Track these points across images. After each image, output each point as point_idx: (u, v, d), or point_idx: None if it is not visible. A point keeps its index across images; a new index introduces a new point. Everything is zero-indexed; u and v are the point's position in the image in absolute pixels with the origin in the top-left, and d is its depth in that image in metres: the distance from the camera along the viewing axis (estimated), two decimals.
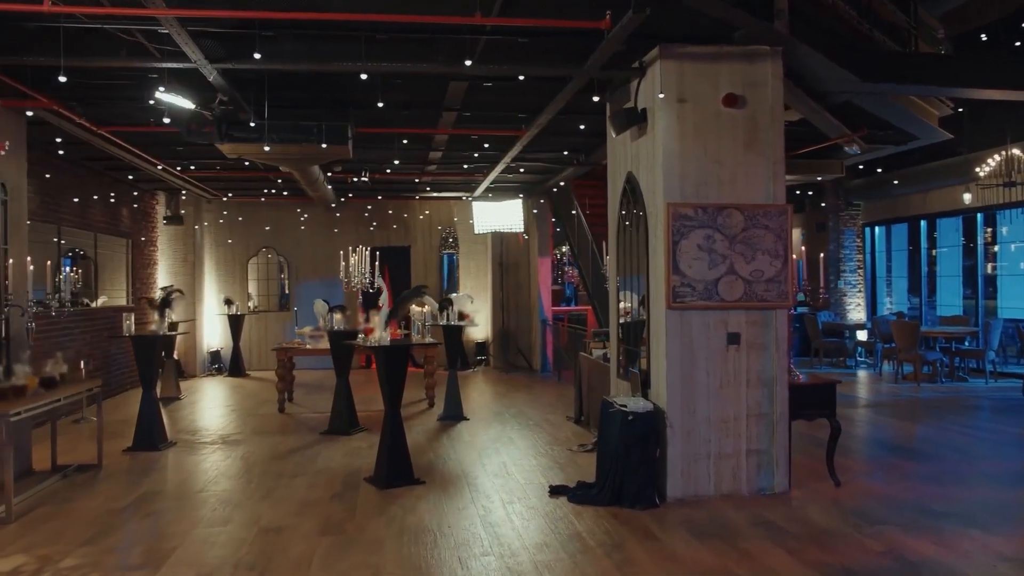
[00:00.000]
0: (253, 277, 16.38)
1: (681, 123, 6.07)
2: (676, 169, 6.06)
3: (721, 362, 6.12)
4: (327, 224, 16.16)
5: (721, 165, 6.12)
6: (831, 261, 16.18)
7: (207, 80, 6.55)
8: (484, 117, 8.64)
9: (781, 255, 6.16)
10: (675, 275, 6.02)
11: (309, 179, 10.38)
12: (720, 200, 6.10)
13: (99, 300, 12.78)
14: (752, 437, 6.15)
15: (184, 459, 7.90)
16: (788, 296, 6.17)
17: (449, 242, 16.73)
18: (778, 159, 6.20)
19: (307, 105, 7.96)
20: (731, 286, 6.08)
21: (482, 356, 16.46)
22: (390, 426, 6.77)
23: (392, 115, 8.23)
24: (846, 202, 16.14)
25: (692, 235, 6.02)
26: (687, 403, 6.07)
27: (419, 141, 10.05)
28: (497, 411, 10.62)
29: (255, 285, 16.40)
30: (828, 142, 9.53)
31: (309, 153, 7.90)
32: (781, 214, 6.17)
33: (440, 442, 8.58)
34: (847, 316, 16.05)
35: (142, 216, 14.20)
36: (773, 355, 6.18)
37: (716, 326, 6.12)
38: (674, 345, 6.06)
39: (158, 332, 8.43)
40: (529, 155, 11.00)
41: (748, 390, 6.15)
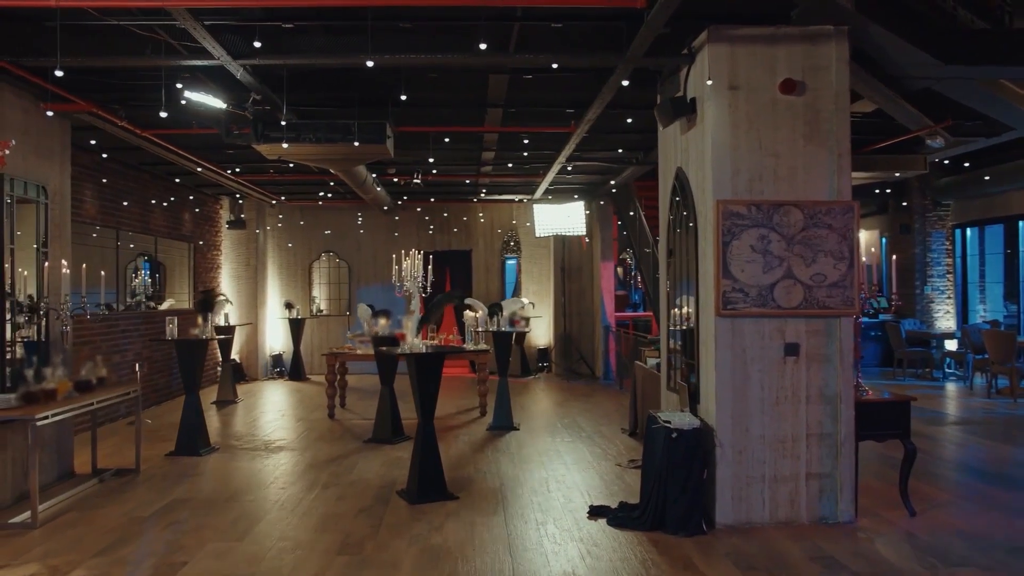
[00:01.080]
0: (321, 281, 16.42)
1: (733, 112, 5.53)
2: (727, 163, 5.52)
3: (777, 375, 5.53)
4: (387, 227, 16.07)
5: (778, 158, 5.54)
6: (917, 265, 15.08)
7: (237, 79, 6.37)
8: (530, 114, 8.25)
9: (846, 257, 5.54)
10: (725, 279, 5.47)
11: (356, 181, 10.19)
12: (777, 197, 5.52)
13: (166, 303, 13.00)
14: (813, 459, 5.54)
15: (222, 466, 7.77)
16: (854, 303, 5.54)
17: (511, 246, 16.39)
18: (843, 151, 5.58)
19: (343, 104, 7.74)
20: (789, 291, 5.50)
21: (544, 362, 16.05)
22: (422, 438, 6.44)
23: (434, 113, 7.94)
24: (933, 202, 15.02)
25: (745, 235, 5.47)
26: (739, 420, 5.51)
27: (468, 141, 9.73)
28: (550, 421, 10.18)
29: (321, 289, 16.43)
30: (908, 135, 8.73)
31: (348, 153, 7.67)
32: (846, 212, 5.54)
33: (484, 454, 8.21)
34: (934, 324, 14.92)
35: (205, 220, 14.38)
36: (837, 368, 5.55)
37: (772, 335, 5.54)
38: (724, 356, 5.51)
39: (201, 336, 8.34)
40: (585, 154, 10.55)
41: (808, 407, 5.55)
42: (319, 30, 5.79)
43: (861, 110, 8.23)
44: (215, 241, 14.92)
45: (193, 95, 6.43)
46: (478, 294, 15.98)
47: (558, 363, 15.52)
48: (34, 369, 6.15)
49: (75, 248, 9.90)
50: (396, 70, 6.86)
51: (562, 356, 15.41)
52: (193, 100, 6.51)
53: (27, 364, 6.31)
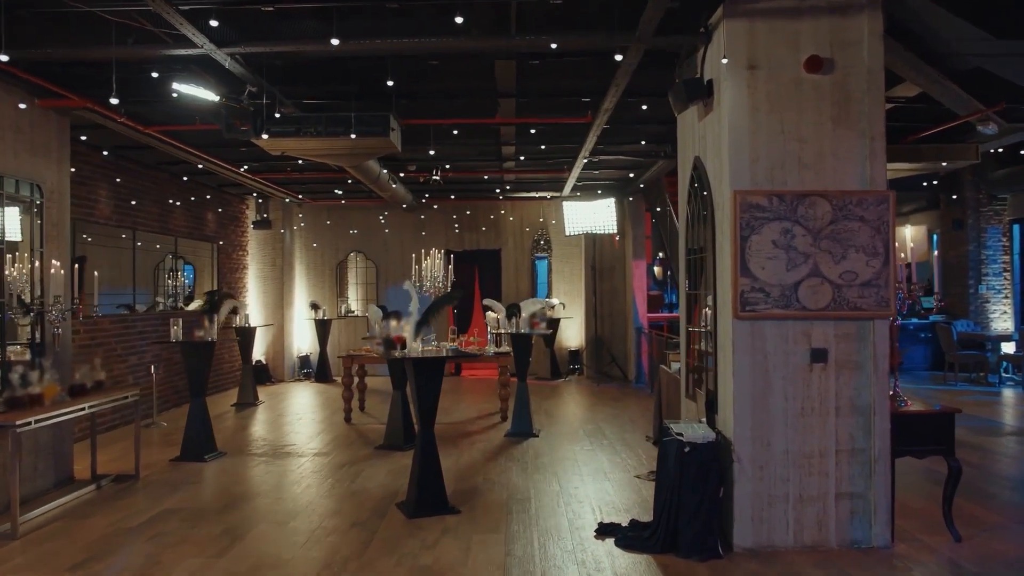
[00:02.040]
0: (354, 282, 16.20)
1: (752, 94, 5.02)
2: (745, 149, 5.01)
3: (803, 384, 5.01)
4: (414, 226, 15.77)
5: (803, 144, 5.01)
6: (971, 263, 14.20)
7: (228, 70, 6.07)
8: (544, 104, 7.82)
9: (881, 253, 4.98)
10: (744, 278, 4.96)
11: (370, 177, 9.87)
12: (801, 187, 4.99)
13: (195, 303, 12.90)
14: (843, 477, 4.99)
15: (223, 473, 7.50)
16: (889, 304, 4.98)
17: (541, 245, 15.94)
18: (876, 135, 5.02)
19: (347, 96, 7.40)
20: (815, 291, 4.97)
21: (576, 365, 15.57)
22: (421, 447, 6.05)
23: (442, 105, 7.56)
24: (988, 196, 14.12)
25: (765, 229, 4.95)
26: (759, 433, 5.00)
27: (484, 135, 9.33)
28: (572, 427, 9.72)
29: (354, 290, 16.22)
30: (956, 121, 8.05)
31: (352, 147, 7.33)
32: (881, 203, 4.98)
33: (496, 462, 7.79)
34: (990, 326, 14.03)
35: (230, 221, 14.26)
36: (870, 376, 5.00)
37: (796, 340, 5.01)
38: (743, 362, 5.00)
39: (206, 338, 8.09)
40: (609, 148, 10.07)
41: (838, 419, 5.01)
42: (305, 14, 5.45)
43: (903, 94, 7.61)
44: (241, 241, 14.79)
45: (183, 87, 6.15)
46: (508, 295, 15.60)
47: (589, 365, 15.02)
48: (20, 373, 5.93)
49: (91, 248, 9.85)
50: (398, 58, 6.51)
51: (593, 358, 14.90)
52: (184, 92, 6.23)
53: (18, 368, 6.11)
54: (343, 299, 16.16)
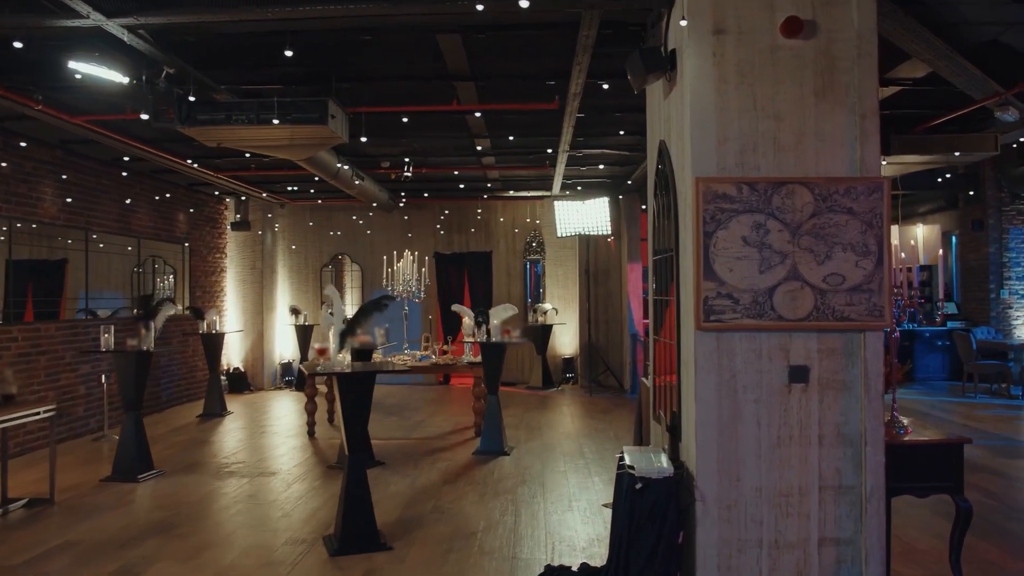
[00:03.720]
0: (349, 285, 15.50)
1: (719, 63, 4.22)
2: (710, 129, 4.22)
3: (779, 408, 4.20)
4: (400, 228, 15.06)
5: (779, 122, 4.21)
6: (991, 266, 13.25)
7: (137, 48, 5.37)
8: (505, 89, 7.07)
9: (873, 252, 4.17)
10: (708, 281, 4.17)
11: (329, 172, 9.15)
12: (777, 173, 4.19)
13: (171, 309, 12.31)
14: (828, 519, 4.18)
15: (151, 496, 6.79)
16: (883, 312, 4.16)
17: (533, 247, 15.16)
18: (868, 111, 4.20)
19: (289, 82, 6.70)
20: (794, 297, 4.16)
21: (570, 374, 14.77)
22: (348, 475, 5.30)
23: (391, 89, 6.84)
24: (1011, 194, 13.16)
25: (734, 224, 4.16)
26: (727, 467, 4.19)
27: (453, 127, 8.60)
28: (550, 444, 8.93)
29: (350, 294, 15.50)
30: (971, 106, 7.20)
31: (292, 137, 6.61)
32: (873, 192, 4.17)
33: (454, 486, 7.02)
34: (1012, 333, 13.06)
35: (205, 222, 13.62)
36: (860, 399, 4.18)
37: (772, 355, 4.20)
38: (707, 382, 4.20)
39: (140, 348, 7.39)
40: (591, 140, 9.30)
41: (821, 450, 4.19)
42: None
43: (909, 75, 6.77)
44: (217, 243, 14.15)
45: (84, 67, 5.45)
46: (499, 299, 14.83)
47: (583, 374, 14.22)
48: None
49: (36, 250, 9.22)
50: (334, 34, 5.79)
51: (587, 367, 14.10)
52: (86, 74, 5.53)
53: None
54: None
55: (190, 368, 12.72)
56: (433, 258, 15.03)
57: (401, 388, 14.16)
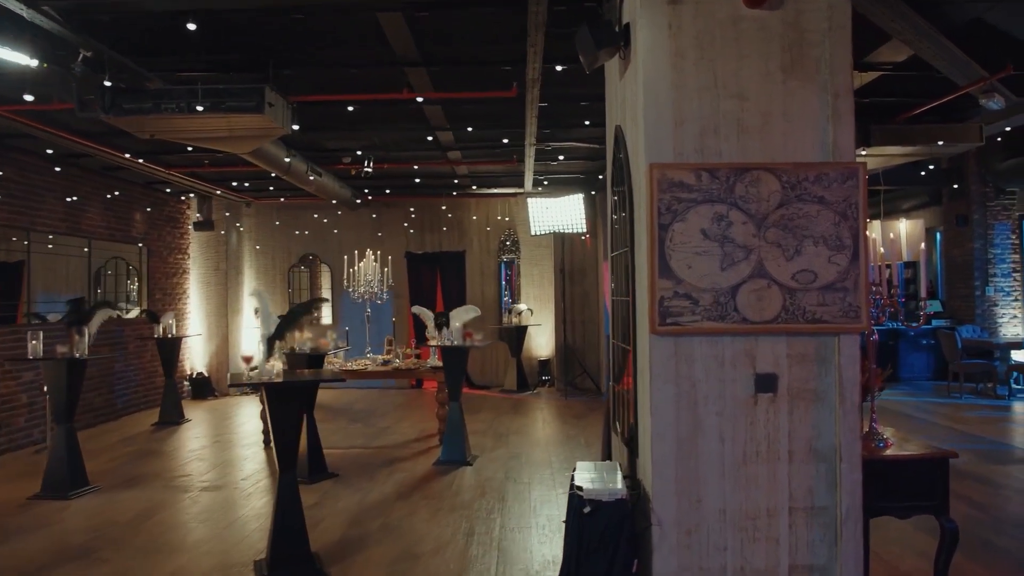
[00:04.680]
0: (303, 287, 15.01)
1: (675, 36, 3.78)
2: (666, 110, 3.78)
3: (745, 422, 3.76)
4: (371, 227, 14.57)
5: (743, 101, 3.78)
6: (976, 262, 12.91)
7: (40, 26, 4.88)
8: (459, 76, 6.61)
9: (847, 246, 3.74)
10: (664, 279, 3.73)
11: (280, 167, 8.66)
12: (741, 158, 3.76)
13: (133, 312, 11.89)
14: (799, 544, 3.74)
15: (77, 516, 6.28)
16: (860, 312, 3.73)
17: (507, 246, 14.70)
18: (841, 89, 3.78)
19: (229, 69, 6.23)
20: (760, 297, 3.72)
21: (546, 376, 14.32)
22: (279, 496, 4.83)
23: (335, 76, 6.37)
24: (996, 189, 12.83)
25: (692, 215, 3.72)
26: (687, 487, 3.75)
27: (410, 119, 8.13)
28: (517, 452, 8.47)
29: (302, 295, 15.04)
30: (955, 93, 6.80)
31: (230, 128, 6.13)
32: (847, 179, 3.74)
33: (408, 501, 6.56)
34: (998, 331, 12.73)
35: (165, 221, 13.08)
36: (835, 410, 3.75)
37: (736, 362, 3.77)
38: (664, 392, 3.76)
39: (72, 355, 6.88)
40: (559, 132, 8.86)
41: (792, 467, 3.76)
42: None
43: (890, 59, 6.38)
44: (179, 244, 13.61)
45: None
46: (472, 299, 14.36)
47: (559, 377, 13.77)
48: None
49: None
50: (271, 15, 5.33)
51: (563, 369, 13.66)
52: None
53: None
54: None
55: (148, 374, 12.18)
56: (405, 258, 14.56)
57: (371, 392, 13.69)
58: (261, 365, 4.84)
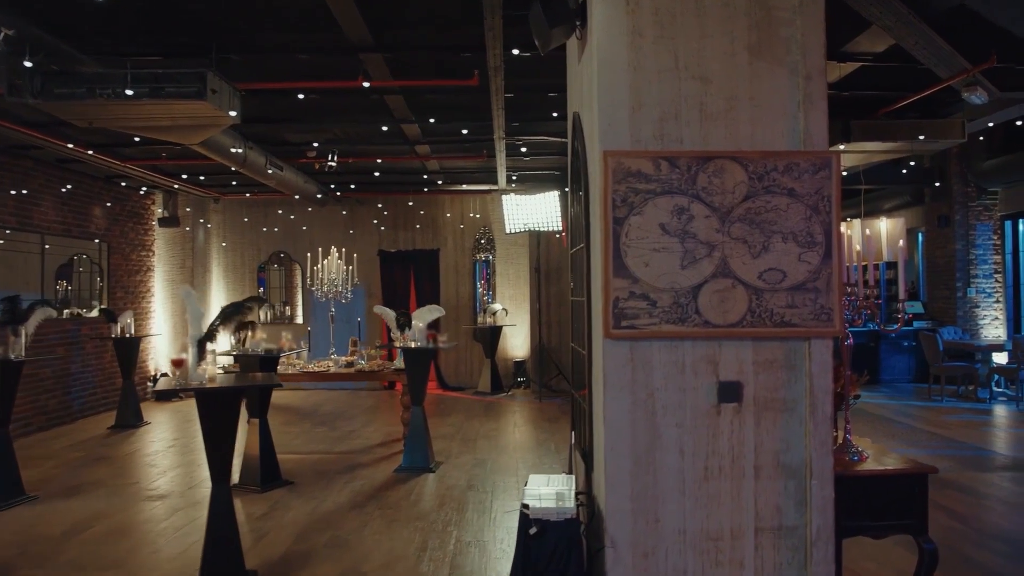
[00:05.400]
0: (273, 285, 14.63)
1: (633, 13, 3.46)
2: (622, 93, 3.46)
3: (707, 434, 3.45)
4: (343, 224, 14.19)
5: (706, 84, 3.46)
6: (958, 263, 12.70)
7: None
8: (418, 63, 6.27)
9: (819, 243, 3.43)
10: (619, 278, 3.40)
11: (234, 159, 8.27)
12: (704, 146, 3.44)
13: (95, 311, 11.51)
14: (766, 568, 3.44)
15: (5, 530, 5.88)
16: (832, 315, 3.42)
17: (482, 244, 14.36)
18: (813, 71, 3.47)
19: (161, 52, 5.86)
20: (724, 298, 3.41)
21: (521, 378, 13.99)
22: (212, 510, 4.48)
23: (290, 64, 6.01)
24: (978, 189, 12.63)
25: (650, 208, 3.40)
26: (644, 504, 3.44)
27: (374, 111, 7.77)
28: (484, 458, 8.14)
29: (274, 293, 14.65)
30: (936, 86, 6.54)
31: (171, 115, 5.76)
32: (819, 169, 3.43)
33: (362, 511, 6.20)
34: (979, 333, 12.53)
35: (128, 217, 12.63)
36: (806, 421, 3.45)
37: (697, 369, 3.45)
38: (619, 401, 3.44)
39: (7, 356, 6.47)
40: (530, 124, 8.53)
41: (758, 484, 3.45)
42: None
43: (870, 48, 6.09)
44: (143, 241, 13.17)
45: None
46: (447, 299, 14.07)
47: (535, 378, 13.45)
48: None
49: None
50: None
51: (538, 370, 13.33)
52: None
53: None
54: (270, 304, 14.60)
55: (108, 375, 11.75)
56: (377, 256, 14.20)
57: (342, 394, 13.34)
58: (192, 369, 4.47)
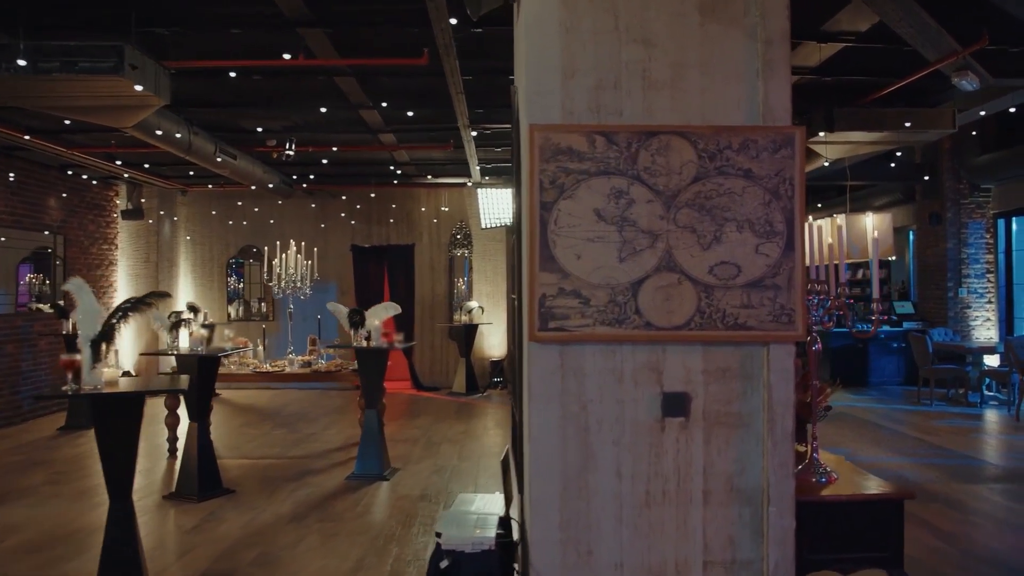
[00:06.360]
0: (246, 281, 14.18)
1: None
2: (553, 57, 2.99)
3: (648, 453, 2.98)
4: (314, 218, 13.71)
5: (650, 48, 3.00)
6: (949, 263, 12.28)
7: None
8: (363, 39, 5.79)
9: (780, 232, 2.97)
10: (547, 272, 2.94)
11: (179, 146, 7.78)
12: (647, 120, 2.98)
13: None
14: None
15: None
16: (794, 316, 2.96)
17: (458, 239, 13.88)
18: (774, 35, 3.00)
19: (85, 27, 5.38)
20: (669, 296, 2.95)
21: (498, 378, 13.54)
22: (110, 528, 4.01)
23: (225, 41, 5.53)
24: (970, 185, 12.20)
25: (583, 191, 2.93)
26: (575, 534, 2.97)
27: (328, 96, 7.30)
28: (444, 464, 7.68)
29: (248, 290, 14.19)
30: (925, 69, 6.08)
31: (89, 91, 5.27)
32: (780, 147, 2.97)
33: (300, 525, 5.73)
34: (971, 335, 12.10)
35: (88, 209, 12.13)
36: (763, 439, 2.99)
37: (638, 378, 2.99)
38: (546, 414, 2.98)
39: None
40: (493, 113, 8.07)
41: (707, 511, 2.99)
42: None
43: (852, 27, 5.64)
44: (104, 234, 12.66)
45: None
46: (422, 296, 13.63)
47: (511, 379, 12.98)
48: None
49: None
50: None
51: (512, 370, 12.85)
52: None
53: None
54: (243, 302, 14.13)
55: (62, 374, 11.21)
56: (350, 251, 13.73)
57: (311, 394, 12.85)
58: (87, 372, 4.00)
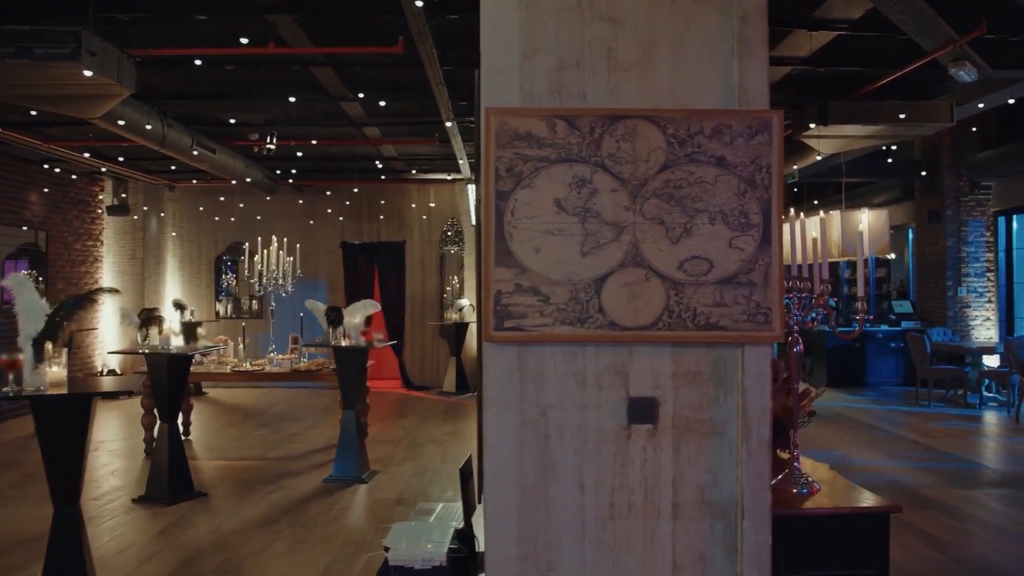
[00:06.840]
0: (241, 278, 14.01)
1: None
2: (510, 35, 2.78)
3: (613, 463, 2.77)
4: (303, 214, 13.50)
5: (617, 26, 2.78)
6: (949, 261, 12.05)
7: None
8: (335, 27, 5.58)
9: (755, 225, 2.75)
10: (503, 267, 2.72)
11: (152, 138, 7.57)
12: (613, 103, 2.76)
13: None
14: None
15: None
16: (771, 315, 2.74)
17: (449, 236, 13.67)
18: (751, 11, 2.78)
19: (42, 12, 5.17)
20: (635, 293, 2.73)
21: None
22: (54, 536, 3.81)
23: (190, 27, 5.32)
24: (970, 183, 11.97)
25: (543, 179, 2.71)
26: (533, 549, 2.76)
27: (307, 88, 7.09)
28: (426, 467, 7.48)
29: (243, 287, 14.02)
30: (921, 59, 5.85)
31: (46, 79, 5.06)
32: (757, 132, 2.75)
33: (271, 529, 5.53)
34: (970, 335, 11.88)
35: (72, 204, 11.94)
36: (737, 448, 2.77)
37: (602, 382, 2.77)
38: (502, 420, 2.76)
39: None
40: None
41: (677, 525, 2.77)
42: None
43: (845, 15, 5.42)
44: (89, 230, 12.47)
45: None
46: (413, 294, 13.43)
47: None
48: None
49: None
50: None
51: None
52: None
53: None
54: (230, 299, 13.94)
55: None
56: (340, 248, 13.53)
57: (299, 393, 12.66)
58: (28, 373, 3.79)
